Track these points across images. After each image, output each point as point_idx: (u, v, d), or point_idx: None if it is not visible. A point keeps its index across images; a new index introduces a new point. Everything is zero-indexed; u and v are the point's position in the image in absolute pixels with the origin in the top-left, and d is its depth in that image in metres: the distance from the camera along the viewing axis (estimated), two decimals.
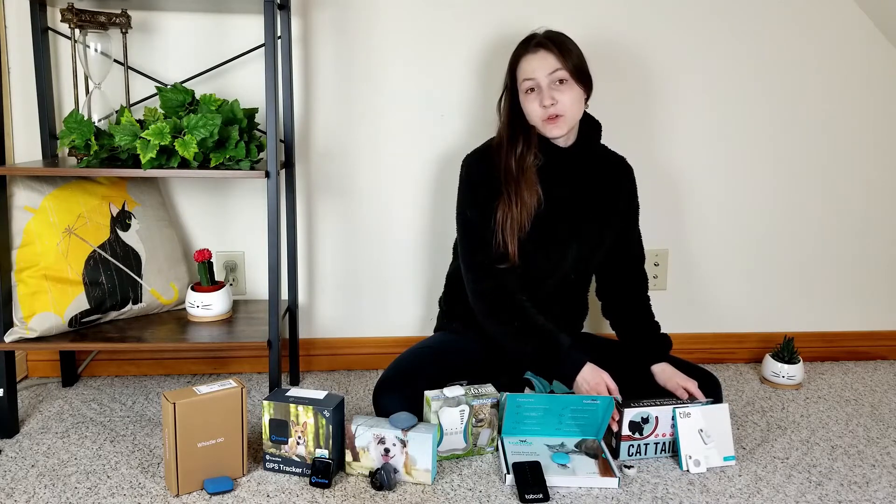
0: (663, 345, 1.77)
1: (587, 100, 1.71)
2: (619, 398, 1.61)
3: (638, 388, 1.68)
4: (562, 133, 1.67)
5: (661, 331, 1.82)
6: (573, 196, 1.75)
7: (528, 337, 1.66)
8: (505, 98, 1.74)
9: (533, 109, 1.66)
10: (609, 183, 1.80)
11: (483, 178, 1.71)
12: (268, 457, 1.56)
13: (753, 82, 2.12)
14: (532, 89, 1.66)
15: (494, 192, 1.68)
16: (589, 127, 1.76)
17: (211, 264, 1.85)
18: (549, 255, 1.74)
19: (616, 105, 2.09)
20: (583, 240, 1.76)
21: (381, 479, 1.47)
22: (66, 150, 1.83)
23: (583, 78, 1.67)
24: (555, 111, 1.64)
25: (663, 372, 1.72)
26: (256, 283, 2.09)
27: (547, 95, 1.63)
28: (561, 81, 1.64)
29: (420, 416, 1.62)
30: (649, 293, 1.86)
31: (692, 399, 1.65)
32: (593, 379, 1.63)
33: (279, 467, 1.55)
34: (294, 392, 1.57)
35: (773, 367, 2.07)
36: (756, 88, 2.12)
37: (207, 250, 1.84)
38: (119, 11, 1.77)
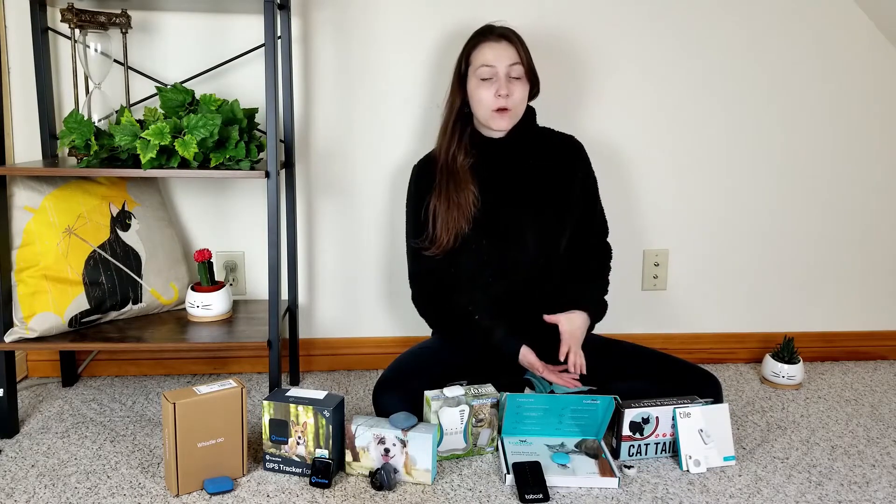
0: (591, 301, 1.76)
1: (531, 100, 1.77)
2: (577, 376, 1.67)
3: (633, 387, 1.68)
4: (507, 127, 1.72)
5: (603, 299, 1.80)
6: (518, 185, 1.76)
7: (471, 339, 1.73)
8: (451, 92, 1.76)
9: (486, 97, 1.69)
10: (557, 164, 1.79)
11: (424, 187, 1.77)
12: (268, 457, 1.56)
13: (754, 83, 2.12)
14: (488, 77, 1.68)
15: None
16: (524, 114, 1.78)
17: (211, 264, 1.85)
18: (507, 248, 1.74)
19: (615, 103, 2.09)
20: (541, 226, 1.75)
21: (381, 479, 1.48)
22: (66, 150, 1.83)
23: (533, 78, 1.74)
24: (506, 104, 1.68)
25: (570, 322, 1.70)
26: (256, 283, 2.09)
27: (504, 85, 1.67)
28: (515, 77, 1.69)
29: (420, 416, 1.62)
30: (651, 291, 1.84)
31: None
32: (526, 361, 1.68)
33: (279, 467, 1.55)
34: (294, 392, 1.57)
35: (773, 367, 2.07)
36: (757, 89, 2.12)
37: (207, 250, 1.84)
38: (119, 11, 1.77)
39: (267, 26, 1.62)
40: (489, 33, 1.72)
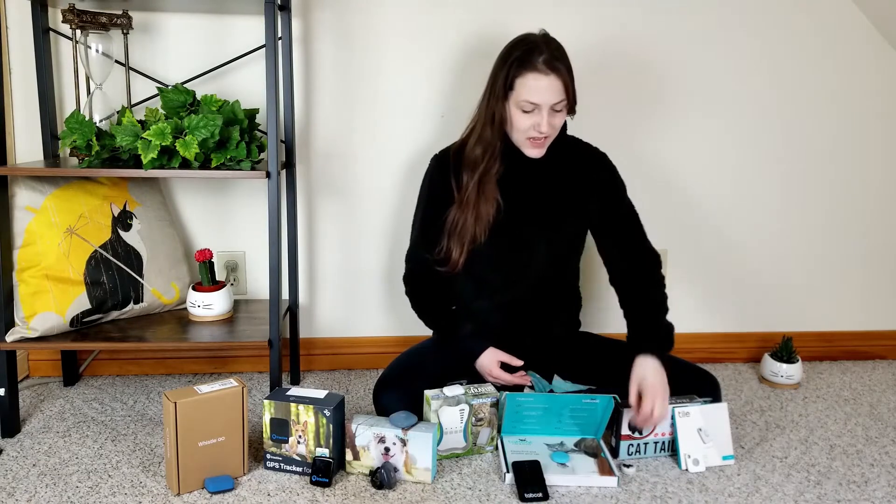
0: (656, 336, 1.64)
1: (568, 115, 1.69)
2: (529, 383, 1.71)
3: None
4: (540, 155, 1.66)
5: (664, 323, 1.67)
6: (537, 197, 1.72)
7: (438, 330, 1.81)
8: (489, 100, 1.64)
9: (524, 127, 1.61)
10: (578, 178, 1.72)
11: (443, 181, 1.72)
12: (268, 456, 1.57)
13: (752, 82, 2.12)
14: (529, 110, 1.59)
15: (451, 197, 1.70)
16: None
17: (212, 264, 1.86)
18: (515, 258, 1.72)
19: (615, 104, 2.09)
20: (552, 239, 1.73)
21: (382, 477, 1.48)
22: (68, 151, 1.84)
23: (573, 104, 1.63)
24: (545, 134, 1.61)
25: (641, 368, 1.59)
26: (257, 283, 2.10)
27: (547, 122, 1.58)
28: (559, 110, 1.61)
29: (420, 415, 1.63)
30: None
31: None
32: (487, 364, 1.71)
33: (280, 466, 1.56)
34: (295, 391, 1.58)
35: (771, 366, 2.07)
36: (755, 88, 2.13)
37: (208, 250, 1.84)
38: (120, 12, 1.78)
39: (268, 27, 1.62)
40: (537, 57, 1.56)
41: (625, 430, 1.61)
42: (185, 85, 1.80)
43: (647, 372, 1.59)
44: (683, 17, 2.06)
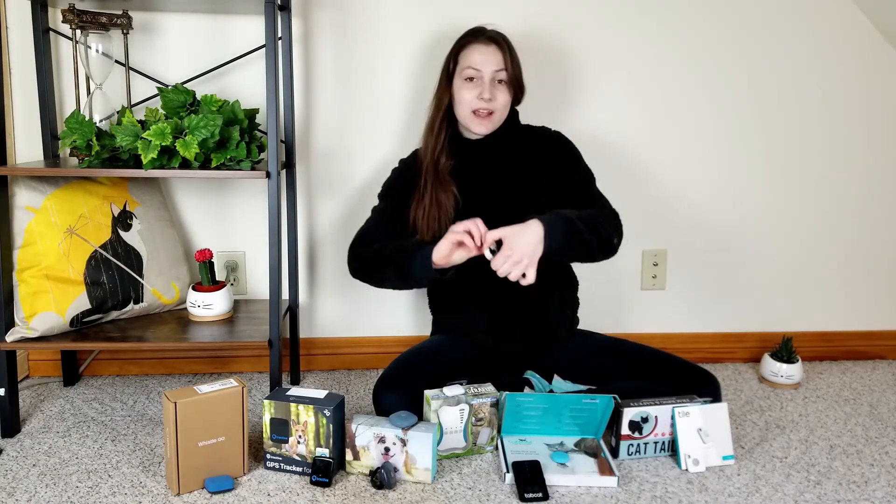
0: (560, 215, 1.58)
1: (514, 105, 1.78)
2: (492, 246, 1.55)
3: (630, 389, 1.68)
4: (487, 132, 1.73)
5: (573, 217, 1.59)
6: (497, 183, 1.76)
7: (386, 257, 1.67)
8: (441, 81, 1.76)
9: (468, 98, 1.70)
10: (536, 158, 1.78)
11: (404, 178, 1.80)
12: (268, 456, 1.57)
13: (751, 83, 2.12)
14: (472, 78, 1.70)
15: (409, 193, 1.77)
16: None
17: (212, 264, 1.86)
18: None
19: (615, 103, 2.09)
20: (518, 220, 1.65)
21: (382, 477, 1.48)
22: (68, 151, 1.84)
23: (518, 86, 1.75)
24: (489, 107, 1.69)
25: (523, 228, 1.54)
26: (257, 283, 2.10)
27: (488, 89, 1.68)
28: (500, 82, 1.71)
29: (420, 415, 1.63)
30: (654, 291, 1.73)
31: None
32: (446, 237, 1.56)
33: (280, 466, 1.56)
34: (295, 391, 1.58)
35: (771, 366, 2.07)
36: (754, 89, 2.13)
37: (208, 250, 1.84)
38: (120, 12, 1.78)
39: (268, 27, 1.62)
40: (480, 35, 1.73)
41: (625, 431, 1.61)
42: (185, 85, 1.80)
43: (525, 235, 1.54)
44: (679, 16, 2.06)
